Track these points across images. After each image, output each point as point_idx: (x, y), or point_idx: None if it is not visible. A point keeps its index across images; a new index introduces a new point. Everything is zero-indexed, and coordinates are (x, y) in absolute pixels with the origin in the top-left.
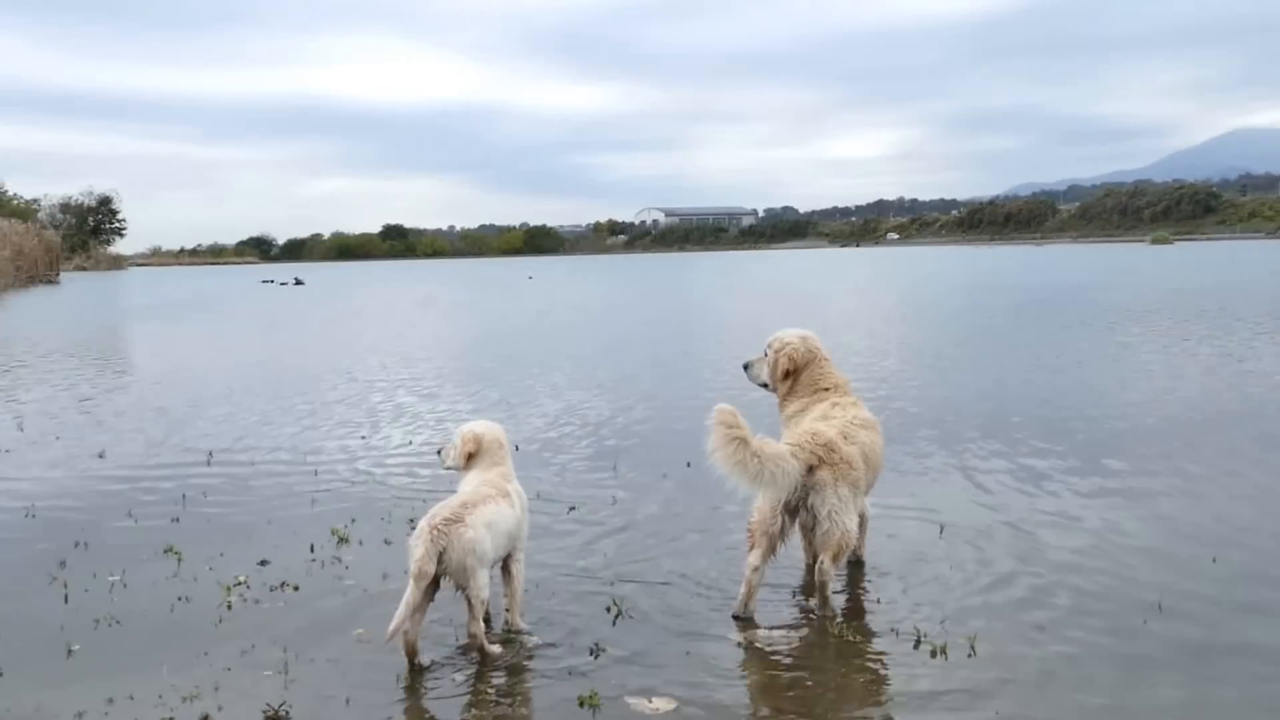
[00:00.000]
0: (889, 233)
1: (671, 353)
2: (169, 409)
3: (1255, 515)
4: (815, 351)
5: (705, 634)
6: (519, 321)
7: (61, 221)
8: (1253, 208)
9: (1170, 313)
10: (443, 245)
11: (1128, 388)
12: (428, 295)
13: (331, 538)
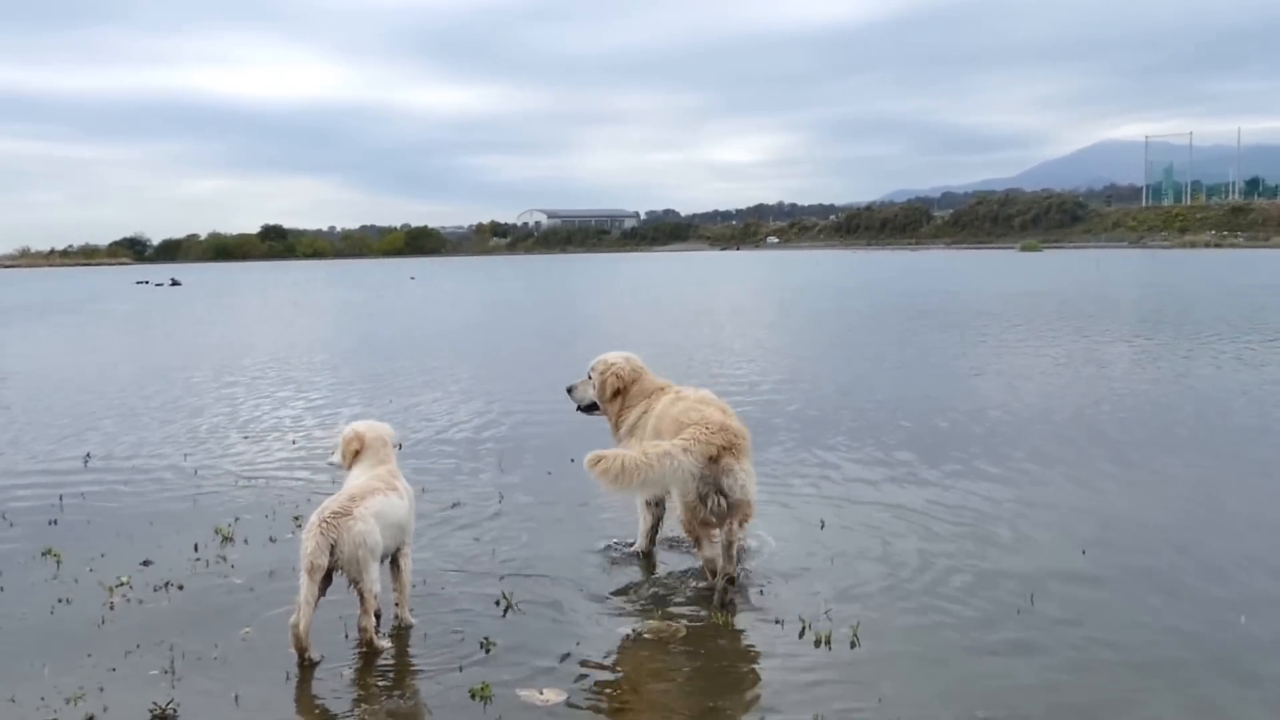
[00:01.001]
0: (769, 236)
1: (552, 354)
2: (41, 411)
3: (1124, 505)
4: (640, 370)
5: (593, 626)
6: (404, 322)
7: None
8: (1116, 218)
9: (1031, 315)
10: (323, 246)
11: (986, 387)
12: (304, 297)
13: (215, 536)
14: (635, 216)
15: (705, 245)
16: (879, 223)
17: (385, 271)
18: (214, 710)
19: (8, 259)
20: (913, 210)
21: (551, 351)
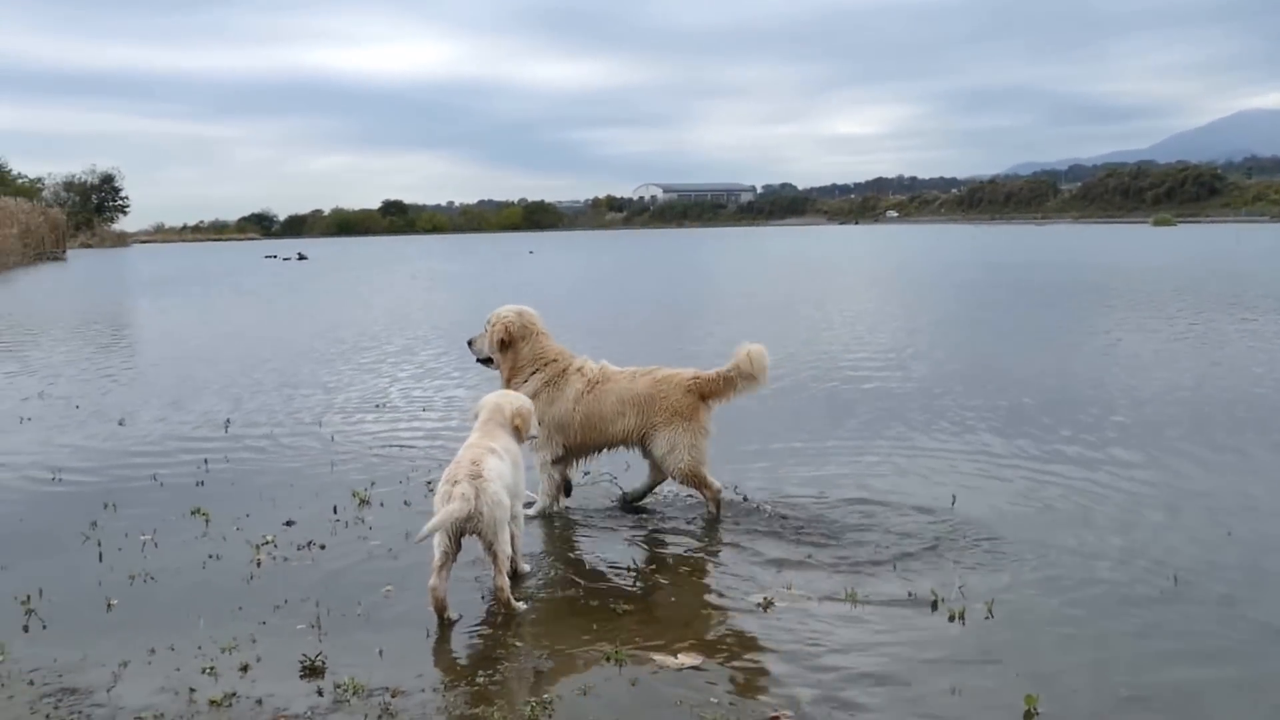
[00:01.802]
0: (888, 210)
1: (677, 326)
2: (183, 379)
3: (1265, 492)
4: (531, 326)
5: (724, 593)
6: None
7: (66, 199)
8: (1258, 190)
9: (1164, 294)
10: (442, 221)
11: (1125, 365)
12: (426, 270)
13: (353, 500)
14: (752, 190)
15: (823, 219)
16: (1003, 196)
17: (503, 246)
18: (360, 663)
19: (144, 234)
20: (1038, 183)
21: (677, 324)
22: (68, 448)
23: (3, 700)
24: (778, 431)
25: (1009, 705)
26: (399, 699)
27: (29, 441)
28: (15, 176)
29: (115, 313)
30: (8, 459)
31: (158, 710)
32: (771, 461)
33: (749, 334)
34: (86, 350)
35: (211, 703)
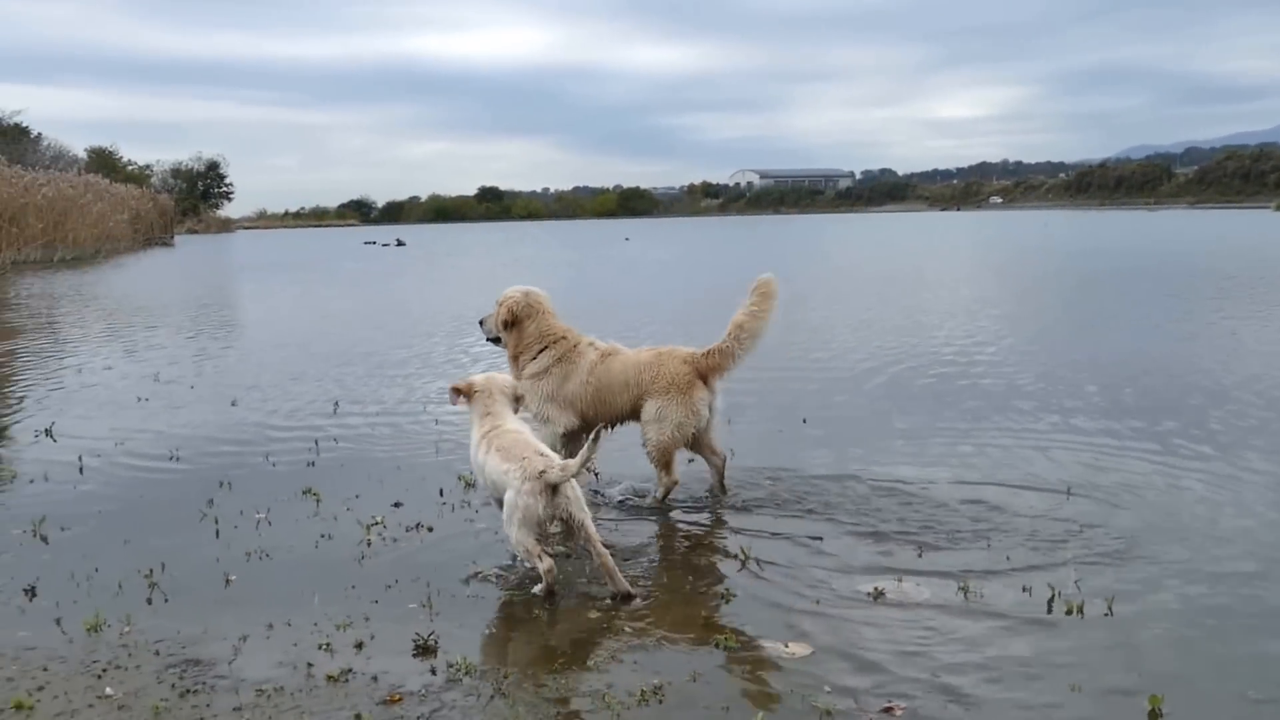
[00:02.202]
0: (992, 196)
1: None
2: (290, 361)
3: None
4: (537, 305)
5: (833, 584)
6: (623, 282)
7: (173, 186)
8: None
9: None
10: (537, 207)
11: (1246, 362)
12: (524, 256)
13: (459, 483)
14: (850, 176)
15: (923, 205)
16: (1113, 181)
17: (599, 232)
18: (472, 642)
19: (247, 220)
20: (1151, 167)
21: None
22: (183, 428)
23: (131, 669)
24: (882, 421)
25: (1133, 705)
26: (510, 679)
27: (146, 421)
28: (126, 164)
29: (223, 296)
30: (127, 438)
31: (277, 683)
32: (877, 451)
33: (845, 320)
34: (196, 333)
35: (329, 678)
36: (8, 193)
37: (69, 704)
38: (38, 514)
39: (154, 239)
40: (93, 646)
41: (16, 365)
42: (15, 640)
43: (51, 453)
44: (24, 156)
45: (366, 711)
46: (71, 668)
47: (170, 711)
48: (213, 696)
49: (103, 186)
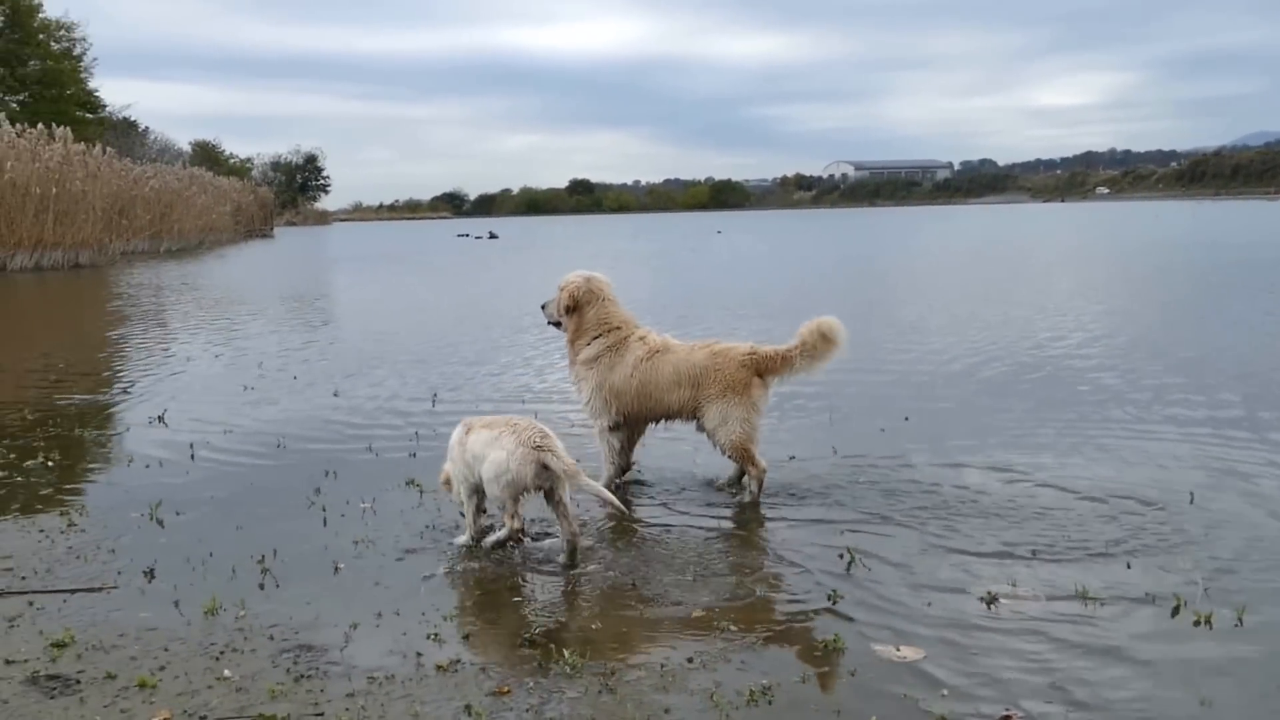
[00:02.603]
0: (1098, 187)
1: (868, 308)
2: (388, 352)
3: None
4: (598, 291)
5: (943, 586)
6: (715, 275)
7: (273, 179)
8: None
9: None
10: (628, 200)
11: None
12: (615, 249)
13: None
14: (948, 167)
15: (1025, 197)
16: (1229, 169)
17: (690, 225)
18: (577, 637)
19: (343, 212)
20: (1271, 154)
21: (867, 307)
22: (288, 417)
23: (246, 652)
24: (987, 418)
25: None
26: (617, 674)
27: (253, 410)
28: (228, 157)
29: (321, 288)
30: (235, 425)
31: (389, 672)
32: (983, 449)
33: (946, 315)
34: (297, 323)
35: (438, 668)
36: (118, 185)
37: (189, 684)
38: (154, 498)
39: (254, 231)
40: (210, 629)
41: (128, 353)
42: (137, 620)
43: (164, 439)
44: (132, 150)
45: (477, 703)
46: (190, 649)
47: (286, 695)
48: (326, 682)
49: (206, 179)
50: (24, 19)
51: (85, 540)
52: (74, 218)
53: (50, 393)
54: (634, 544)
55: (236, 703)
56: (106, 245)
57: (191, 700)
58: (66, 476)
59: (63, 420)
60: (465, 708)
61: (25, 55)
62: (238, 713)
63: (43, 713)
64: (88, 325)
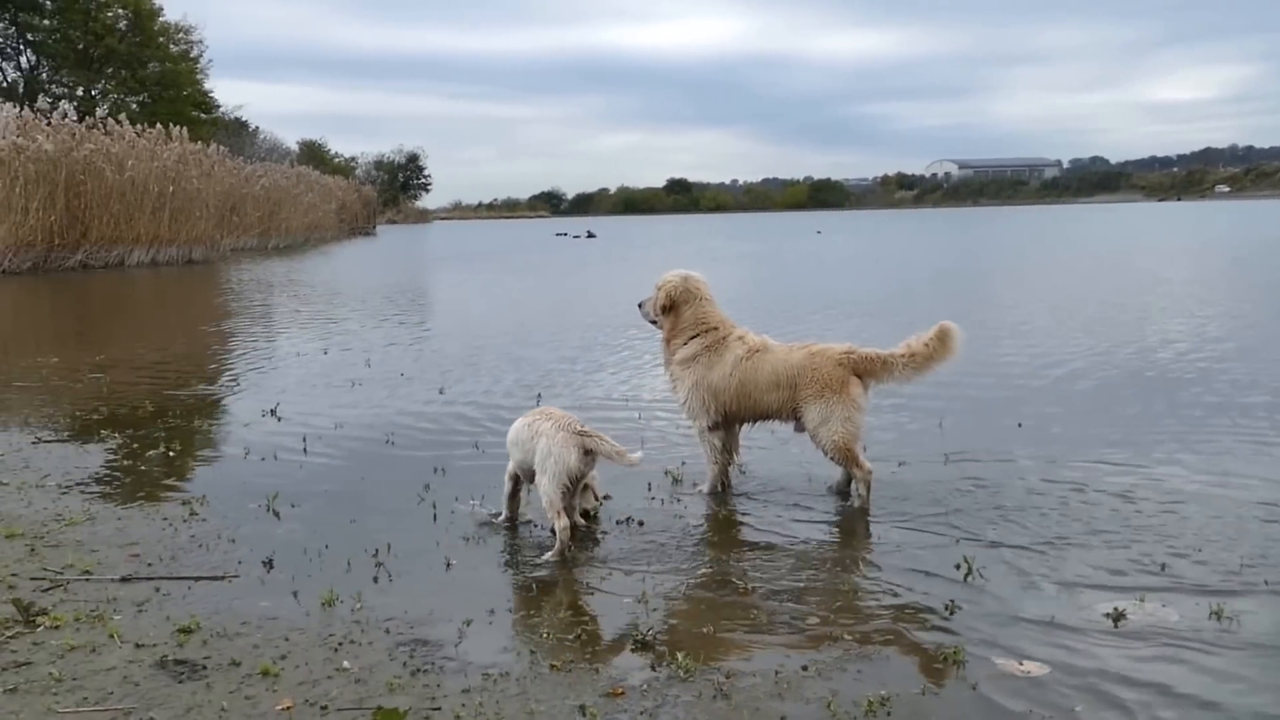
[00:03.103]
0: (1217, 185)
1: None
2: (491, 350)
3: None
4: (695, 291)
5: (1066, 599)
6: (817, 277)
7: (376, 178)
8: None
9: None
10: (726, 199)
11: None
12: (715, 249)
13: (665, 477)
14: (1056, 165)
15: (1138, 196)
16: None
17: (789, 225)
18: (690, 640)
19: (443, 211)
20: None
21: (973, 309)
22: (397, 413)
23: (364, 644)
24: (1102, 424)
25: None
26: (731, 679)
27: (362, 404)
28: (333, 156)
29: (424, 285)
30: (345, 420)
31: (503, 669)
32: (1101, 457)
33: (1057, 318)
34: (401, 319)
35: (552, 667)
36: (230, 183)
37: (310, 674)
38: (270, 490)
39: (357, 228)
40: (328, 620)
41: (239, 347)
42: (258, 609)
43: (277, 431)
44: (243, 149)
45: (590, 703)
46: (310, 639)
47: (403, 689)
48: (442, 677)
49: (312, 178)
50: (145, 23)
51: (207, 529)
52: (188, 215)
53: (168, 385)
54: (745, 548)
55: (356, 694)
56: (218, 242)
57: (313, 690)
58: (186, 467)
59: (180, 412)
60: (580, 708)
61: (145, 57)
62: (357, 704)
63: (171, 696)
64: (201, 320)
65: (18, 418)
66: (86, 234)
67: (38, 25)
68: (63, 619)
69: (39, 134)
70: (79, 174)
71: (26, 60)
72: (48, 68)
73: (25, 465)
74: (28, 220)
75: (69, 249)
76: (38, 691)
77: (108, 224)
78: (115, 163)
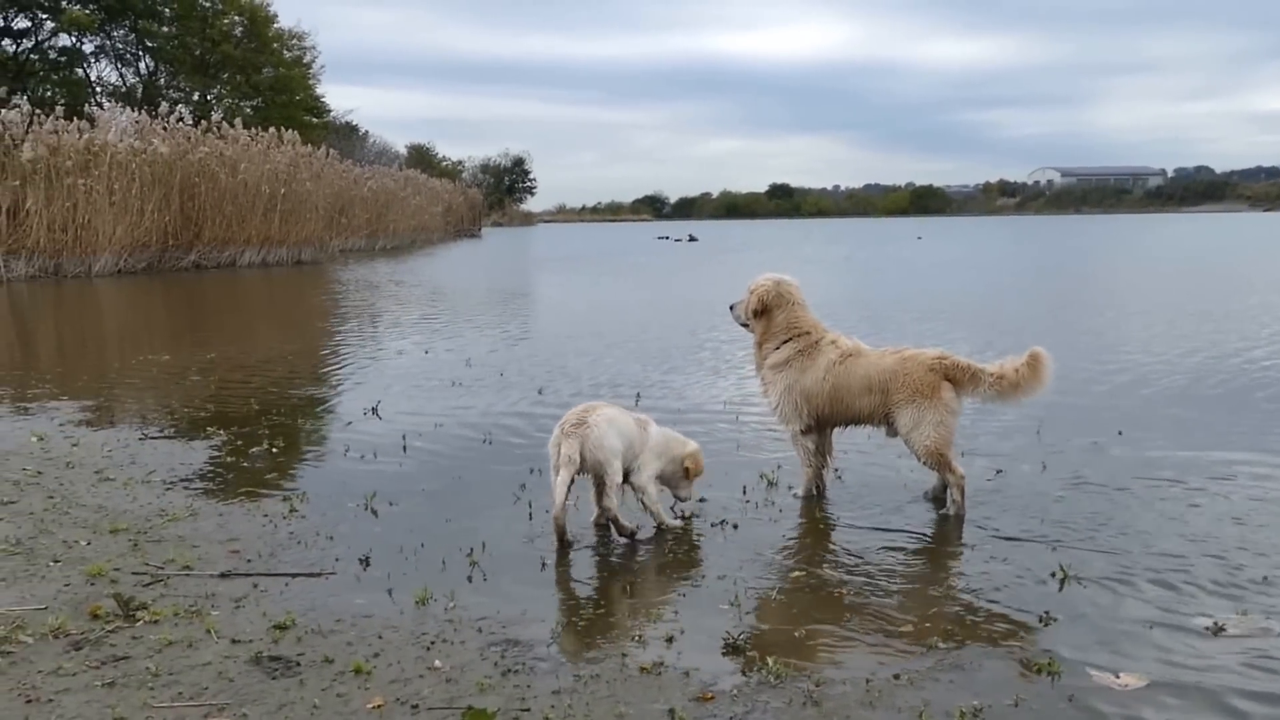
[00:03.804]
0: None
1: (1073, 322)
2: (590, 351)
3: None
4: (787, 295)
5: (1165, 611)
6: (924, 282)
7: (482, 181)
8: None
9: None
10: (827, 205)
11: None
12: (819, 254)
13: (760, 480)
14: (1161, 174)
15: (1244, 205)
16: None
17: (889, 230)
18: (781, 644)
19: (547, 214)
20: None
21: (1075, 315)
22: (496, 413)
23: (456, 644)
24: (1207, 435)
25: None
26: (822, 686)
27: (460, 404)
28: (441, 159)
29: (526, 286)
30: (444, 419)
31: (594, 671)
32: (1205, 468)
33: (1163, 326)
34: (503, 320)
35: (642, 670)
36: (339, 186)
37: (402, 672)
38: (368, 488)
39: (462, 230)
40: (421, 619)
41: (344, 346)
42: (353, 607)
43: (377, 430)
44: (353, 152)
45: (680, 707)
46: (403, 637)
47: (494, 689)
48: (533, 678)
49: (420, 181)
50: (260, 29)
51: (305, 526)
52: (299, 216)
53: (273, 383)
54: (839, 553)
55: (446, 693)
56: (327, 243)
57: (404, 689)
58: (287, 464)
59: (284, 409)
60: (669, 712)
61: (260, 63)
62: (447, 703)
63: (265, 693)
64: (308, 319)
65: (127, 414)
66: (200, 235)
67: (157, 32)
68: (162, 614)
69: (155, 137)
70: (193, 176)
71: (145, 66)
72: (166, 73)
73: (132, 461)
74: (143, 221)
75: (183, 249)
76: (134, 686)
77: (220, 225)
78: (228, 165)
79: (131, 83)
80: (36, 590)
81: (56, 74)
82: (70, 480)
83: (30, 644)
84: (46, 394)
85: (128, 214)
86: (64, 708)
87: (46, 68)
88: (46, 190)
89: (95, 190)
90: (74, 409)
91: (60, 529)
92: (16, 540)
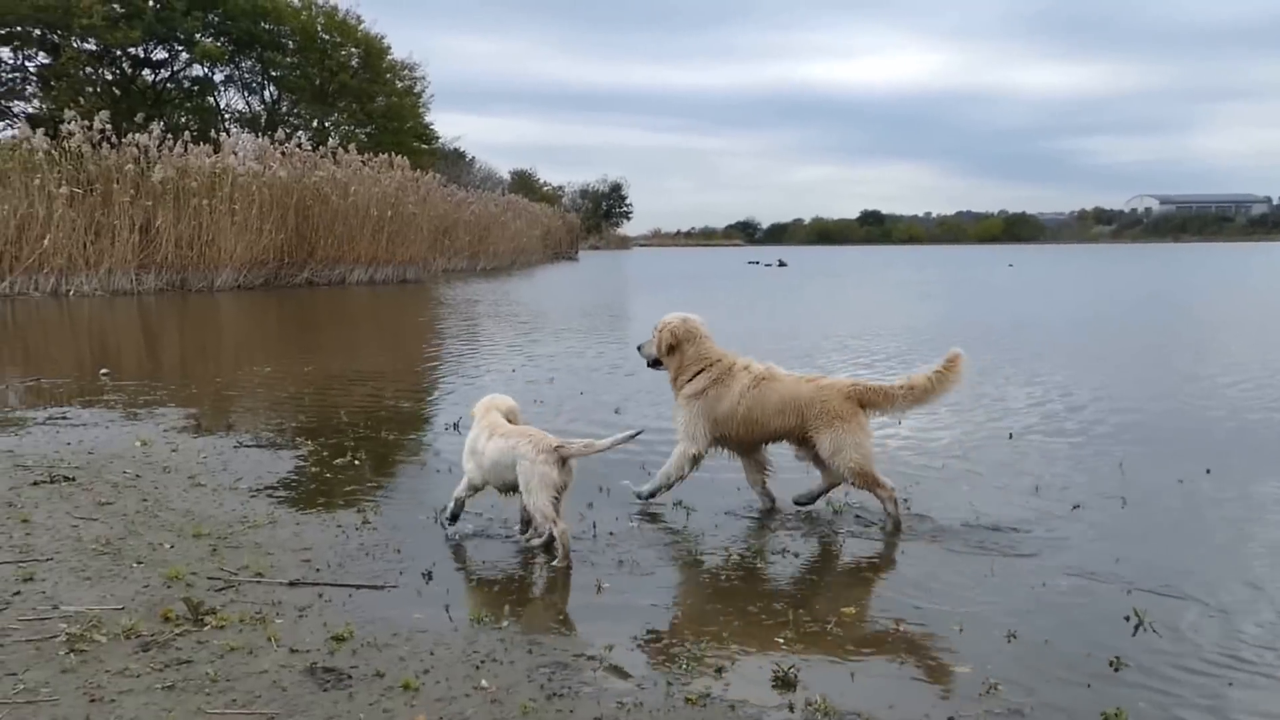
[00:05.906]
0: None
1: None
2: None
3: None
4: (694, 330)
5: (1245, 663)
6: (1013, 307)
7: (580, 205)
8: None
9: None
10: (918, 232)
11: None
12: (907, 279)
13: (827, 507)
14: (1265, 202)
15: None
16: None
17: (981, 257)
18: (833, 680)
19: (642, 238)
20: None
21: (1170, 346)
22: (571, 432)
23: (505, 664)
24: None
25: None
26: None
27: (540, 422)
28: (542, 184)
29: (617, 306)
30: None
31: (638, 699)
32: None
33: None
34: (591, 340)
35: (687, 700)
36: (444, 209)
37: (449, 690)
38: (441, 503)
39: (560, 254)
40: (474, 636)
41: (437, 363)
42: (411, 621)
43: (458, 445)
44: (459, 177)
45: None
46: (454, 654)
47: (537, 712)
48: (576, 703)
49: (521, 205)
50: (374, 61)
51: (376, 539)
52: (405, 237)
53: (365, 397)
54: (897, 588)
55: (490, 714)
56: (430, 263)
57: (448, 707)
58: (367, 476)
59: (372, 423)
60: None
61: (374, 92)
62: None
63: (314, 704)
64: (406, 335)
65: (226, 423)
66: (313, 253)
67: (280, 62)
68: (228, 619)
69: (274, 161)
70: (308, 198)
71: (269, 94)
72: (287, 101)
73: (224, 468)
74: (262, 240)
75: (297, 266)
76: (192, 690)
77: (331, 244)
78: (340, 188)
79: (256, 110)
80: (117, 590)
81: (190, 102)
82: (164, 484)
83: (103, 643)
84: (157, 400)
85: (248, 233)
86: (124, 709)
87: (181, 96)
88: (175, 209)
89: (219, 210)
90: (179, 415)
91: (148, 531)
92: (107, 540)
